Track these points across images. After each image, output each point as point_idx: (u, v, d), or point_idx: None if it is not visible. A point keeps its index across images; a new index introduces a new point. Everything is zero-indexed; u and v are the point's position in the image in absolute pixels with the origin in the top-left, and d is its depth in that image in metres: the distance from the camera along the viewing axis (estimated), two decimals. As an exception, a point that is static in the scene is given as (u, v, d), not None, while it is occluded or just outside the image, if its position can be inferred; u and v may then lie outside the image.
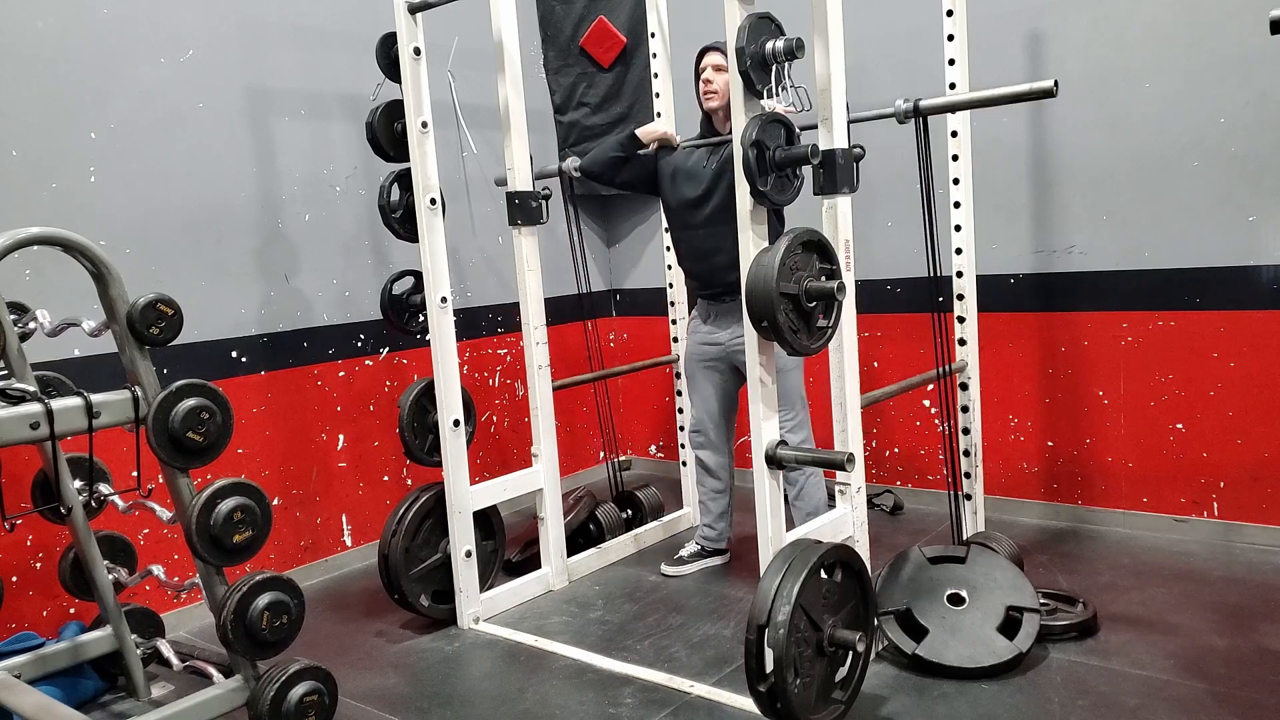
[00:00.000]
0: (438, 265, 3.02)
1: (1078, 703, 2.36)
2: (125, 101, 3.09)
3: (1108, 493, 3.59)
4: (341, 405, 3.70)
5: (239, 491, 2.25)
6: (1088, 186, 3.48)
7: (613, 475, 3.95)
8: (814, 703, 2.20)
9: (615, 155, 3.26)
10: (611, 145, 3.29)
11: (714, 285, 3.19)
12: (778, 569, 2.16)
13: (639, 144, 3.26)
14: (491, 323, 4.30)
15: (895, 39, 3.76)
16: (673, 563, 3.43)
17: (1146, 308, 3.42)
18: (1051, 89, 2.39)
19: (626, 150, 3.25)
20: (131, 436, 2.21)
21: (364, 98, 3.37)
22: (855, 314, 2.50)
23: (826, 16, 2.30)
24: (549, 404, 3.33)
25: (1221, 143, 3.21)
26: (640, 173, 3.30)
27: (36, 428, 2.05)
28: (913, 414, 3.92)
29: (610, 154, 3.27)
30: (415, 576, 3.07)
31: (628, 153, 3.25)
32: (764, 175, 2.24)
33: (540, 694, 2.63)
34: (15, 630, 2.83)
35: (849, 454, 2.32)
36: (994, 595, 2.60)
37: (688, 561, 3.42)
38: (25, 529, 2.90)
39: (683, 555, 3.45)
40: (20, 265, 2.81)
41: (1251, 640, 2.63)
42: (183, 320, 2.26)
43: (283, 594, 2.29)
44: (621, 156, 3.26)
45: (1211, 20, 3.19)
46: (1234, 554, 3.25)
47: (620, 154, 3.25)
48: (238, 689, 2.35)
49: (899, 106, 2.58)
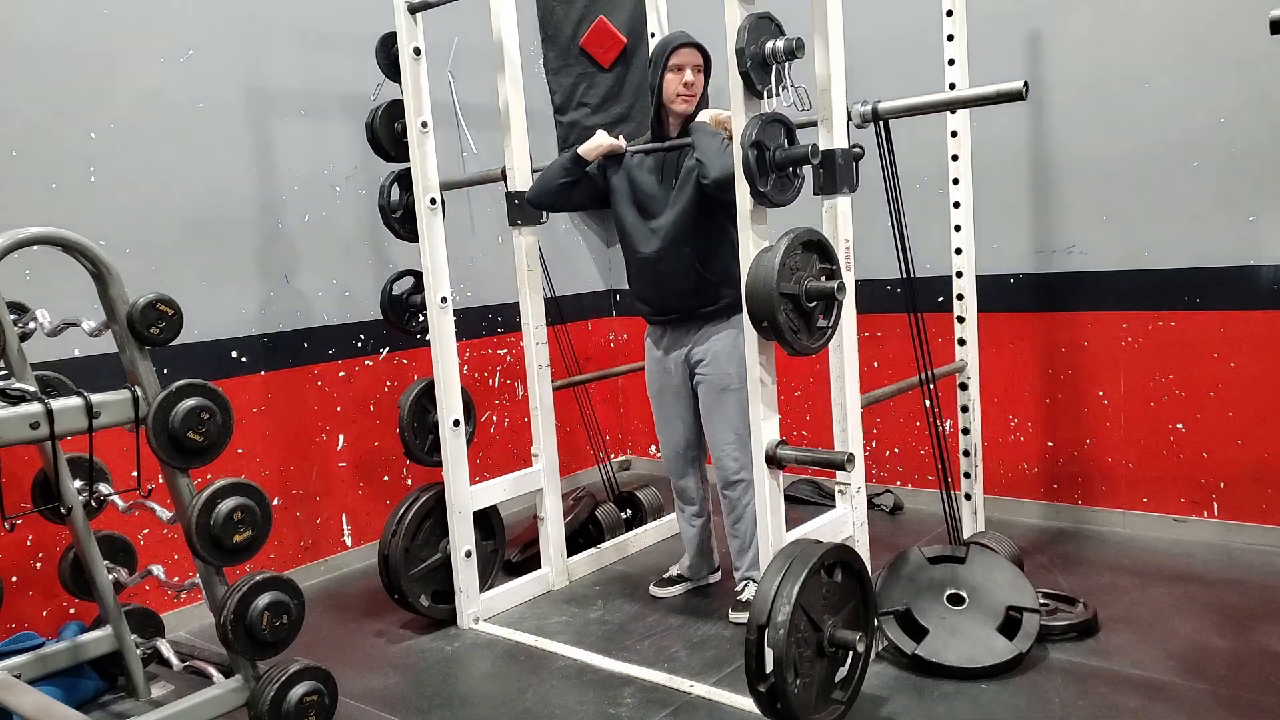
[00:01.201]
0: (438, 265, 3.02)
1: (1078, 703, 2.36)
2: (125, 101, 3.09)
3: (1108, 493, 3.59)
4: (341, 405, 3.70)
5: (239, 491, 2.25)
6: (1088, 186, 3.48)
7: (606, 477, 3.93)
8: (814, 703, 2.20)
9: (562, 181, 2.97)
10: (556, 171, 2.98)
11: (668, 312, 2.96)
12: (778, 569, 2.16)
13: (584, 162, 2.97)
14: (491, 323, 4.30)
15: (895, 39, 3.76)
16: (660, 583, 3.28)
17: (1146, 308, 3.42)
18: (1020, 91, 2.22)
19: (573, 173, 2.97)
20: (131, 436, 2.21)
21: (364, 98, 3.37)
22: (855, 314, 2.50)
23: (826, 16, 2.30)
24: (549, 404, 3.33)
25: (1221, 143, 3.21)
26: (592, 191, 3.04)
27: (36, 428, 2.05)
28: (913, 414, 3.92)
29: (556, 181, 2.98)
30: (415, 576, 3.07)
31: (574, 175, 2.98)
32: (764, 175, 2.24)
33: (540, 694, 2.63)
34: (15, 630, 2.83)
35: (849, 454, 2.32)
36: (994, 595, 2.60)
37: (675, 583, 3.28)
38: (25, 529, 2.90)
39: (671, 575, 3.29)
40: (20, 265, 2.81)
41: (1252, 641, 2.62)
42: (183, 320, 2.26)
43: (283, 594, 2.29)
44: (568, 181, 2.98)
45: (1211, 20, 3.19)
46: (1234, 554, 3.25)
47: (566, 179, 2.97)
48: (238, 689, 2.35)
49: (857, 110, 2.44)
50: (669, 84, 2.84)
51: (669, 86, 2.84)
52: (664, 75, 2.83)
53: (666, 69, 2.83)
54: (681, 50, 2.82)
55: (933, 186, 3.72)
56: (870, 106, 2.45)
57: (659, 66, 2.84)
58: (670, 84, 2.84)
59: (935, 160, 3.26)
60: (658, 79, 2.85)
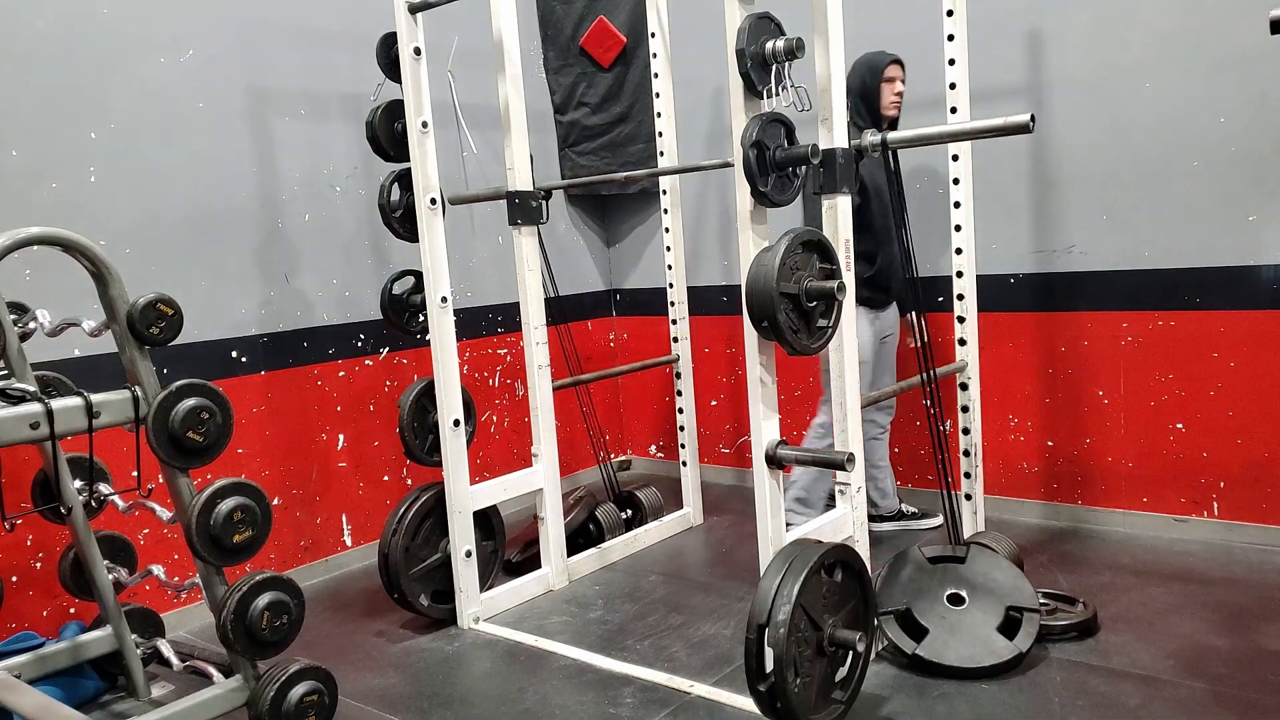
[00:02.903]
0: (438, 265, 3.02)
1: (1078, 703, 2.36)
2: (125, 101, 3.09)
3: (1108, 493, 3.59)
4: (341, 405, 3.70)
5: (239, 491, 2.25)
6: (1088, 186, 3.48)
7: (606, 477, 3.93)
8: (814, 702, 2.20)
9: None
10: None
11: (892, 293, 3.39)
12: (778, 569, 2.17)
13: None
14: (491, 323, 4.30)
15: (895, 39, 3.75)
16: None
17: (1146, 308, 3.42)
18: (1027, 124, 2.25)
19: None
20: (131, 436, 2.21)
21: (364, 98, 3.37)
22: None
23: (826, 16, 2.30)
24: (549, 404, 3.33)
25: (1221, 143, 3.21)
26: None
27: (36, 428, 2.05)
28: (913, 414, 3.92)
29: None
30: (415, 576, 3.07)
31: None
32: (764, 175, 2.24)
33: (540, 694, 2.63)
34: (15, 630, 2.83)
35: (849, 454, 2.32)
36: (994, 595, 2.60)
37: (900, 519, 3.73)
38: (25, 529, 2.90)
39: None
40: (20, 265, 2.81)
41: (1251, 640, 2.63)
42: (183, 320, 2.26)
43: (283, 594, 2.29)
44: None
45: (1211, 20, 3.19)
46: (1234, 554, 3.25)
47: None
48: (238, 689, 2.35)
49: (867, 140, 2.45)
50: (885, 93, 3.24)
51: (885, 96, 3.24)
52: (881, 87, 3.23)
53: (883, 81, 3.23)
54: (893, 65, 3.25)
55: (933, 186, 3.72)
56: (880, 137, 2.45)
57: (876, 79, 3.22)
58: (886, 94, 3.24)
59: (935, 160, 3.26)
60: (875, 89, 3.23)
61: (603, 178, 3.83)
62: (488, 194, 3.37)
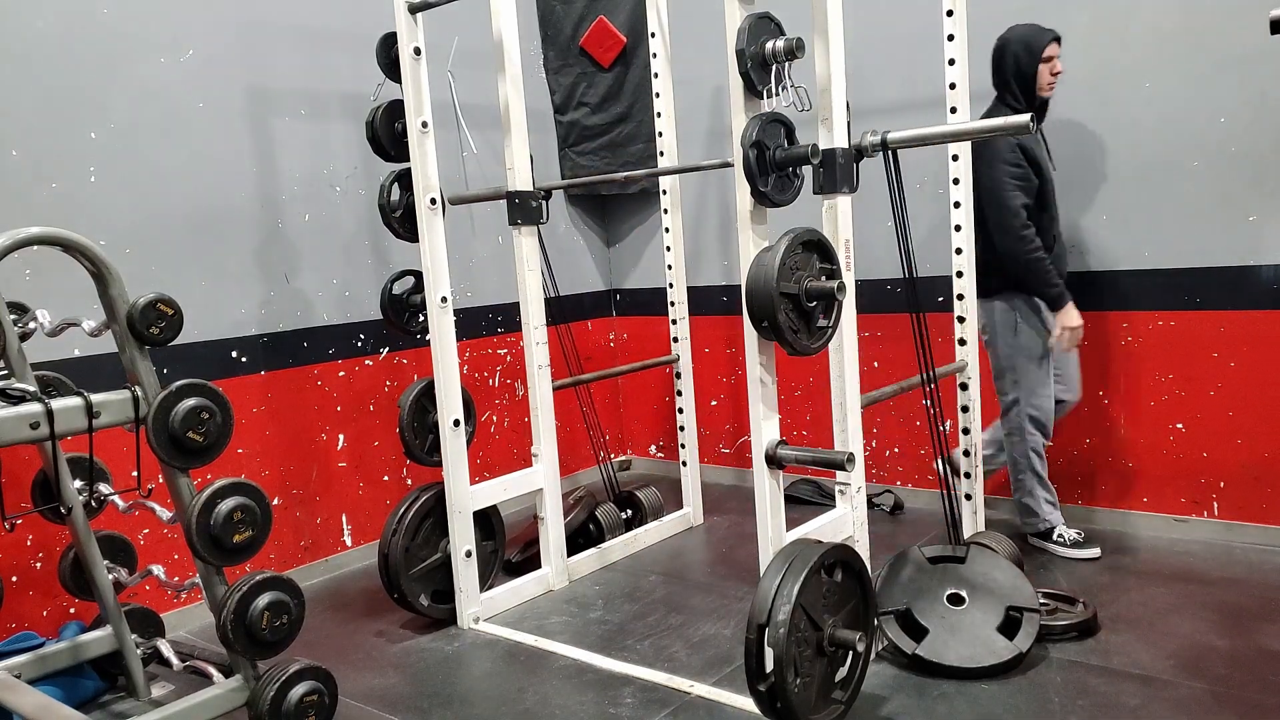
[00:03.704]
0: (438, 265, 3.02)
1: (1078, 703, 2.36)
2: (125, 101, 3.09)
3: (1108, 493, 3.59)
4: (341, 405, 3.70)
5: (239, 491, 2.25)
6: (1087, 186, 3.48)
7: (606, 477, 3.93)
8: (814, 702, 2.20)
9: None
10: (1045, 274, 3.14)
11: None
12: (778, 569, 2.17)
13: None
14: (491, 323, 4.30)
15: (895, 39, 3.76)
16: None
17: (1146, 308, 3.42)
18: (1027, 124, 2.28)
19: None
20: (131, 436, 2.21)
21: (364, 98, 3.37)
22: (855, 314, 2.50)
23: (826, 16, 2.30)
24: (549, 404, 3.33)
25: (1221, 143, 3.21)
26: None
27: (36, 428, 2.05)
28: (913, 414, 3.92)
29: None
30: (415, 576, 3.07)
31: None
32: (764, 175, 2.24)
33: (540, 694, 2.63)
34: (15, 630, 2.83)
35: (849, 454, 2.32)
36: (994, 595, 2.60)
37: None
38: (25, 529, 2.90)
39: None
40: (20, 265, 2.81)
41: (1252, 640, 2.63)
42: (183, 320, 2.26)
43: (283, 594, 2.29)
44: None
45: (1211, 20, 3.19)
46: (1234, 554, 3.25)
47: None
48: (238, 689, 2.35)
49: (867, 140, 2.45)
50: (1043, 74, 3.13)
51: (1043, 77, 3.14)
52: (1039, 67, 3.12)
53: (1042, 60, 3.12)
54: (1054, 44, 3.14)
55: (933, 186, 3.72)
56: (880, 137, 2.45)
57: (1035, 59, 3.11)
58: (1044, 74, 3.14)
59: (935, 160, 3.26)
60: (1033, 69, 3.12)
61: (603, 178, 3.83)
62: (488, 194, 3.37)
